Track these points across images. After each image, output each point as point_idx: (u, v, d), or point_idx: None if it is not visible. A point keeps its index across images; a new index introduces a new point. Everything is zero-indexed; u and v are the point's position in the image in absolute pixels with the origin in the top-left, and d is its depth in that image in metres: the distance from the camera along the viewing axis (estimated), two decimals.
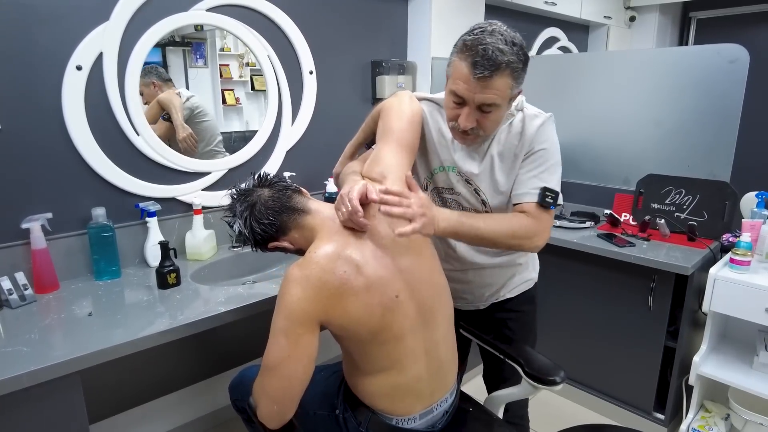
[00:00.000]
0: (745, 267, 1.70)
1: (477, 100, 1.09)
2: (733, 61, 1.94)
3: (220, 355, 2.04)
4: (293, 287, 0.98)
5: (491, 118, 1.12)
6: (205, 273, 1.72)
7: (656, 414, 2.04)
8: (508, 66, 1.05)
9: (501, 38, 1.05)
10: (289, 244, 1.13)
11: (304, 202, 1.14)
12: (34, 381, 1.06)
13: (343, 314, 1.00)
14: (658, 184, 2.15)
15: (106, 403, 1.75)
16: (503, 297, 1.43)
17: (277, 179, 1.17)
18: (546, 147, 1.21)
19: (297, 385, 1.00)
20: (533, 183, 1.19)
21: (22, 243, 1.49)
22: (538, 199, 1.17)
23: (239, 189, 1.16)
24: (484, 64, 1.04)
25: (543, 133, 1.21)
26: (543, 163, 1.20)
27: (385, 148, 1.21)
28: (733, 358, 1.87)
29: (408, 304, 1.07)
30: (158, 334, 1.24)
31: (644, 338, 2.00)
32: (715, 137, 2.03)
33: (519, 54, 1.07)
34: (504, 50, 1.04)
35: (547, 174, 1.20)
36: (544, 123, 1.22)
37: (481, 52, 1.04)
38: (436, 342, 1.14)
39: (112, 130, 1.65)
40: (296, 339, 0.97)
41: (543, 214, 1.18)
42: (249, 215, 1.11)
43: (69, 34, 1.52)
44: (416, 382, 1.11)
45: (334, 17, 2.20)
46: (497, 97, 1.08)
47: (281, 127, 2.10)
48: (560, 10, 3.25)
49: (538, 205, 1.18)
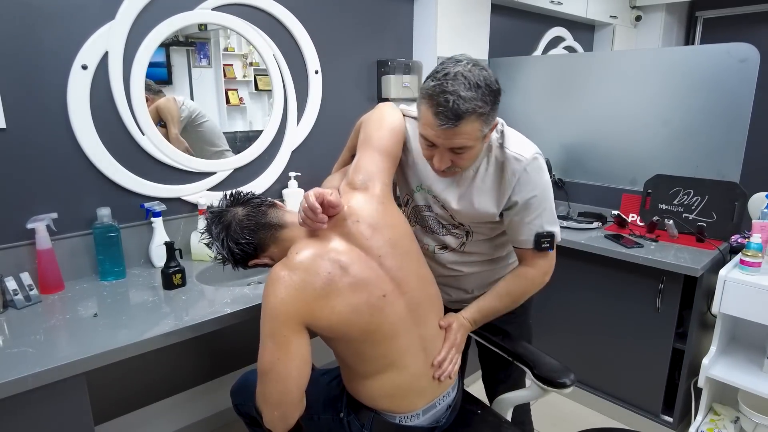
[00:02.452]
0: (756, 268, 1.69)
1: (447, 145, 1.07)
2: (743, 60, 1.92)
3: (225, 356, 2.03)
4: (277, 288, 0.98)
5: (465, 157, 1.11)
6: (211, 273, 1.71)
7: (664, 417, 2.02)
8: (473, 112, 1.02)
9: (464, 82, 1.01)
10: (270, 260, 1.13)
11: (280, 215, 1.13)
12: (39, 383, 1.06)
13: (330, 314, 0.99)
14: (666, 185, 2.13)
15: (111, 405, 1.75)
16: None
17: (250, 196, 1.17)
18: (536, 194, 1.18)
19: (293, 388, 1.00)
20: (529, 231, 1.21)
21: (27, 243, 1.49)
22: (535, 246, 1.22)
23: (213, 211, 1.15)
24: (447, 114, 1.01)
25: (529, 182, 1.17)
26: (535, 210, 1.20)
27: (365, 155, 1.20)
28: (742, 361, 1.85)
29: (397, 303, 1.07)
30: (163, 335, 1.23)
31: (652, 340, 1.98)
32: (724, 137, 2.01)
33: (486, 97, 1.03)
34: (466, 97, 1.00)
35: (539, 219, 1.20)
36: (527, 169, 1.17)
37: (443, 102, 1.01)
38: (431, 337, 1.15)
39: (117, 129, 1.64)
40: (283, 341, 0.97)
41: (542, 258, 1.24)
42: (225, 236, 1.10)
43: (74, 33, 1.51)
44: (416, 379, 1.11)
45: (339, 17, 2.19)
46: (467, 140, 1.06)
47: (287, 127, 2.09)
48: (566, 9, 3.23)
49: (536, 251, 1.23)
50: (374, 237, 1.08)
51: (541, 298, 2.25)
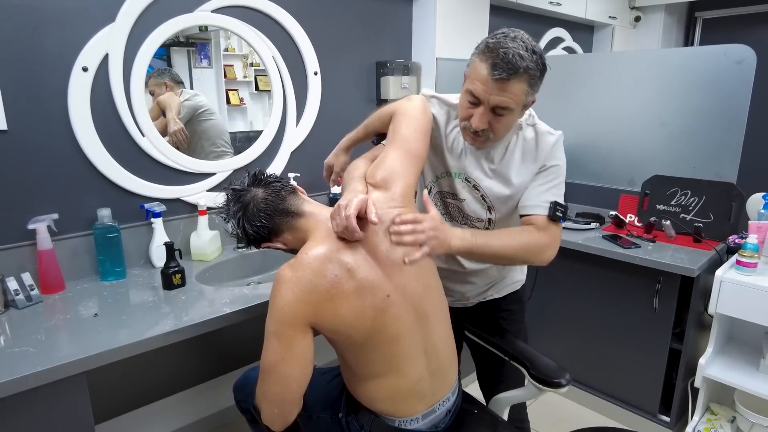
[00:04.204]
0: (752, 269, 1.69)
1: (492, 102, 1.10)
2: (740, 61, 1.93)
3: (225, 355, 2.05)
4: (284, 289, 0.98)
5: (503, 121, 1.14)
6: (210, 274, 1.73)
7: (661, 416, 2.03)
8: (526, 72, 1.07)
9: (522, 45, 1.07)
10: (282, 245, 1.14)
11: (299, 204, 1.12)
12: (40, 382, 1.07)
13: (334, 317, 1.00)
14: (664, 185, 2.14)
15: (111, 404, 1.76)
16: (490, 297, 1.47)
17: (273, 179, 1.15)
18: (558, 164, 1.24)
19: (295, 387, 1.01)
20: (544, 197, 1.21)
21: (28, 244, 1.50)
22: (549, 212, 1.19)
23: (234, 188, 1.14)
24: (503, 66, 1.06)
25: (557, 151, 1.25)
26: (554, 179, 1.23)
27: (393, 153, 1.20)
28: (739, 361, 1.86)
29: (401, 306, 1.07)
30: (163, 334, 1.25)
31: (649, 340, 1.99)
32: (721, 138, 2.02)
33: (538, 62, 1.09)
34: (524, 56, 1.06)
35: (557, 189, 1.22)
36: (557, 141, 1.25)
37: (501, 54, 1.06)
38: (434, 342, 1.14)
39: (117, 131, 1.66)
40: (288, 341, 0.98)
41: (553, 227, 1.20)
42: (242, 216, 1.10)
43: (75, 35, 1.52)
44: (417, 383, 1.11)
45: (338, 18, 2.20)
46: (511, 101, 1.09)
47: (286, 128, 2.10)
48: (565, 10, 3.24)
49: (548, 219, 1.19)
50: (386, 239, 1.07)
51: (538, 297, 2.27)
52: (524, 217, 1.23)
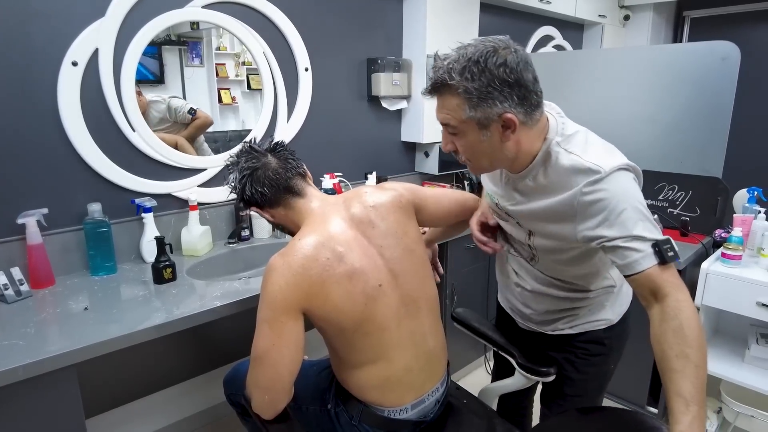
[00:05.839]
0: (737, 261, 1.72)
1: (438, 119, 1.02)
2: (724, 58, 1.96)
3: (216, 350, 2.05)
4: (275, 276, 1.00)
5: (461, 142, 1.01)
6: (201, 269, 1.73)
7: (650, 408, 2.06)
8: (451, 86, 0.94)
9: (459, 56, 0.95)
10: (270, 216, 1.17)
11: (303, 186, 1.16)
12: (29, 374, 1.07)
13: (325, 302, 1.01)
14: (652, 180, 2.17)
15: (102, 399, 1.76)
16: (561, 331, 1.25)
17: (290, 155, 1.18)
18: (626, 207, 0.94)
19: (285, 373, 1.01)
20: (636, 244, 0.92)
21: (17, 238, 1.50)
22: (657, 259, 0.92)
23: (252, 147, 1.17)
24: (429, 81, 1.00)
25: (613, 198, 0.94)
26: (630, 221, 0.94)
27: (436, 199, 1.30)
28: (725, 352, 1.89)
29: (391, 295, 1.08)
30: (154, 327, 1.25)
31: (637, 333, 2.01)
32: (707, 134, 2.05)
33: (474, 75, 0.92)
34: (454, 68, 0.93)
35: (641, 229, 0.93)
36: (608, 183, 0.95)
37: (433, 70, 0.99)
38: (423, 332, 1.15)
39: (107, 126, 1.65)
40: (280, 327, 0.99)
41: (670, 274, 0.92)
42: (248, 176, 1.13)
43: (64, 29, 1.52)
44: (406, 372, 1.12)
45: (329, 14, 2.21)
46: (450, 117, 0.98)
47: (276, 124, 2.11)
48: (555, 8, 3.26)
49: (661, 266, 0.92)
50: (379, 226, 1.11)
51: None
52: (631, 277, 0.95)
